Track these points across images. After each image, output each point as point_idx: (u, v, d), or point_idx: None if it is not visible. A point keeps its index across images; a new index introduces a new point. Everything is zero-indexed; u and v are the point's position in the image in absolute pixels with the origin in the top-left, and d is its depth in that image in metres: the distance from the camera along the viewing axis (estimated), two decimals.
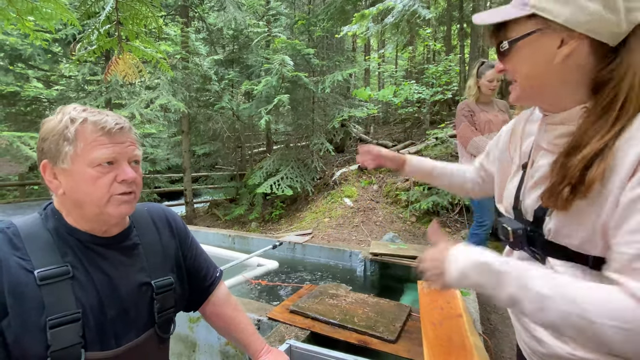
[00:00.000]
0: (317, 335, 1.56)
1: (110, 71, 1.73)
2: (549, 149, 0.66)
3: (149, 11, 1.81)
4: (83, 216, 0.68)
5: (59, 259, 0.64)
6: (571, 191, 0.55)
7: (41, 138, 0.65)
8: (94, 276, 0.67)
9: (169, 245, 0.84)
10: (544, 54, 0.59)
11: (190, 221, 7.09)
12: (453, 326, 1.45)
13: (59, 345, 0.60)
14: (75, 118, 0.64)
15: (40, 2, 1.68)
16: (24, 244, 0.63)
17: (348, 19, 6.24)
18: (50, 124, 0.65)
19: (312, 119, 6.74)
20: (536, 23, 0.58)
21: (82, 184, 0.64)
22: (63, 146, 0.63)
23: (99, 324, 0.66)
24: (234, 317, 0.96)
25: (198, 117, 7.57)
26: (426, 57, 12.15)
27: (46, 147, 0.64)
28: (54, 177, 0.66)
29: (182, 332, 1.99)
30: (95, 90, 7.52)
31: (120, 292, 0.70)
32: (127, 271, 0.72)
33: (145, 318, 0.74)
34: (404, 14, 4.41)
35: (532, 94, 0.65)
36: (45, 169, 0.65)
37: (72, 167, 0.64)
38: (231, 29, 7.59)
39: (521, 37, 0.60)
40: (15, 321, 0.58)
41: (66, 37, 7.28)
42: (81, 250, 0.67)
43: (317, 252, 3.30)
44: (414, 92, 5.81)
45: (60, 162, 0.64)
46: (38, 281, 0.60)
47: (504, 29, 0.63)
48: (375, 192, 5.63)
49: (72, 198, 0.67)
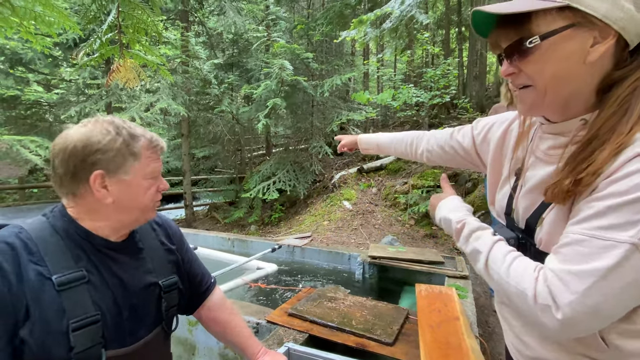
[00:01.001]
0: (315, 338, 1.57)
1: (112, 77, 1.75)
2: (543, 159, 0.64)
3: (149, 19, 1.84)
4: (117, 222, 0.73)
5: (72, 263, 0.67)
6: (572, 184, 0.53)
7: (95, 149, 0.67)
8: (107, 279, 0.71)
9: (169, 248, 0.88)
10: (576, 53, 0.53)
11: (189, 224, 7.09)
12: (450, 329, 1.46)
13: (82, 347, 0.63)
14: (135, 135, 0.72)
15: (42, 9, 1.71)
16: (38, 248, 0.64)
17: (347, 24, 6.29)
18: (100, 137, 0.68)
19: (311, 122, 6.77)
20: (570, 17, 0.52)
21: (137, 193, 0.73)
22: (129, 160, 0.70)
23: (116, 323, 0.70)
24: (230, 321, 0.99)
25: (198, 121, 7.61)
26: (425, 60, 12.21)
27: (105, 159, 0.68)
28: (103, 186, 0.69)
29: (181, 335, 2.00)
30: (96, 94, 7.55)
31: (132, 292, 0.74)
32: (136, 273, 0.76)
33: (154, 316, 0.79)
34: (401, 19, 4.46)
35: (552, 101, 0.58)
36: (97, 179, 0.68)
37: (131, 179, 0.71)
38: (231, 33, 7.65)
39: (558, 30, 0.52)
40: (38, 327, 0.60)
41: (67, 41, 7.32)
42: (94, 253, 0.71)
43: (316, 255, 3.31)
44: (412, 95, 5.85)
45: (123, 174, 0.70)
46: (57, 287, 0.63)
47: (527, 22, 0.55)
48: (374, 195, 5.65)
49: (121, 206, 0.71)
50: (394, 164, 6.22)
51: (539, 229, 0.62)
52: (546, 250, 0.60)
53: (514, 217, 0.70)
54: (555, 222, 0.58)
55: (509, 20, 0.57)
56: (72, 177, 0.67)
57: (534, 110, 0.62)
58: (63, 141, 0.68)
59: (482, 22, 0.61)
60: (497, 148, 0.80)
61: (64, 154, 0.67)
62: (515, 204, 0.69)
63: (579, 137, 0.57)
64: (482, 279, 3.33)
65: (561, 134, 0.61)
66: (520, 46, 0.56)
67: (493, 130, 0.83)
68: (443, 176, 0.91)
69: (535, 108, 0.61)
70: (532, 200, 0.64)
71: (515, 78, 0.60)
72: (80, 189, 0.68)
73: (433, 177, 5.07)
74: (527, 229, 0.65)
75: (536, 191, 0.64)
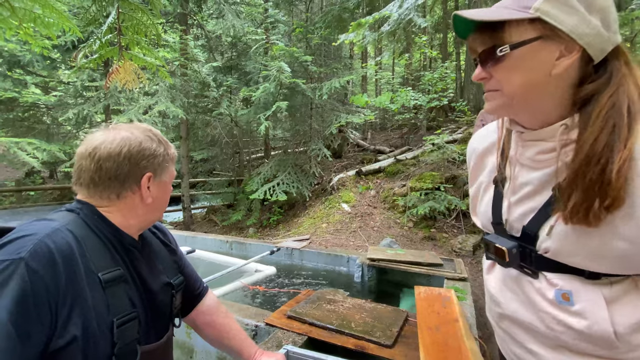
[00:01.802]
0: (314, 341, 1.57)
1: (111, 79, 1.75)
2: (532, 166, 0.65)
3: (149, 20, 1.85)
4: (146, 221, 0.78)
5: (110, 261, 0.69)
6: (600, 205, 0.53)
7: (148, 154, 0.74)
8: (135, 277, 0.74)
9: (171, 249, 0.92)
10: (543, 64, 0.56)
11: (187, 227, 7.07)
12: (449, 331, 1.46)
13: (123, 342, 0.66)
14: (167, 142, 0.81)
15: (42, 11, 1.71)
16: (84, 246, 0.65)
17: (345, 27, 6.33)
18: (149, 143, 0.75)
19: (310, 124, 6.79)
20: (540, 29, 0.55)
21: (167, 193, 0.82)
22: (170, 164, 0.80)
23: (145, 320, 0.73)
24: (225, 324, 1.00)
25: (196, 123, 7.60)
26: (422, 64, 12.28)
27: (154, 163, 0.75)
28: (148, 187, 0.75)
29: (179, 338, 1.98)
30: (94, 96, 7.54)
31: (153, 291, 0.77)
32: (154, 272, 0.80)
33: (168, 313, 0.82)
34: (400, 23, 4.48)
35: (517, 106, 0.62)
36: (148, 181, 0.74)
37: (167, 181, 0.80)
38: (230, 36, 7.67)
39: (526, 41, 0.56)
40: (91, 321, 0.61)
41: (65, 43, 7.31)
42: (124, 252, 0.73)
43: (314, 258, 3.30)
44: (410, 98, 5.88)
45: (164, 177, 0.78)
46: (103, 284, 0.65)
47: (500, 31, 0.58)
48: (373, 197, 5.66)
49: (157, 205, 0.78)
50: (392, 167, 6.23)
51: (544, 238, 0.62)
52: (555, 259, 0.60)
53: (505, 225, 0.70)
54: (571, 234, 0.58)
55: (485, 26, 0.60)
56: (125, 179, 0.71)
57: (500, 110, 0.65)
58: (111, 145, 0.70)
59: (462, 26, 0.63)
60: (479, 158, 0.81)
61: (117, 157, 0.70)
62: (507, 212, 0.69)
63: (564, 140, 0.59)
64: (481, 281, 3.33)
65: (544, 140, 0.62)
66: (492, 53, 0.59)
67: (475, 146, 0.84)
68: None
69: (500, 109, 0.64)
70: (528, 208, 0.65)
71: (487, 82, 0.63)
72: (126, 190, 0.72)
73: (431, 180, 5.08)
74: (525, 236, 0.65)
75: (533, 198, 0.64)
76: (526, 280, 0.66)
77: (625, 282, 0.58)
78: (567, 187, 0.57)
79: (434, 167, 5.55)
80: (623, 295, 0.57)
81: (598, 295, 0.58)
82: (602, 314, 0.57)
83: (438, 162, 5.47)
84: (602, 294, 0.58)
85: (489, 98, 0.64)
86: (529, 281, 0.66)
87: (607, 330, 0.56)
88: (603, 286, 0.58)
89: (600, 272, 0.57)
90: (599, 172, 0.53)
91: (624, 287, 0.57)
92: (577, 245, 0.58)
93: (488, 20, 0.57)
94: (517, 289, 0.69)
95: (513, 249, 0.65)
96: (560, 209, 0.58)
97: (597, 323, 0.57)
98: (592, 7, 0.54)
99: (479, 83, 0.67)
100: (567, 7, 0.54)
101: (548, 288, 0.63)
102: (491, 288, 0.76)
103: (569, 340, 0.60)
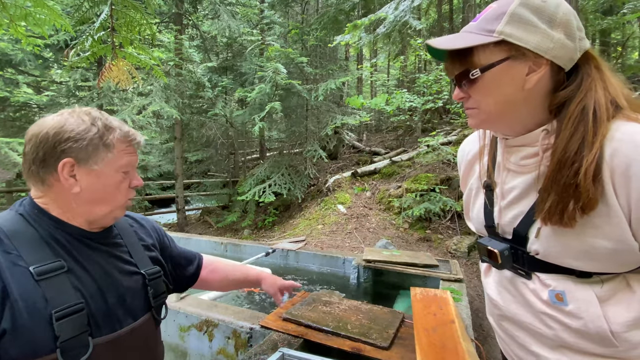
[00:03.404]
0: (310, 343, 1.55)
1: (104, 77, 1.73)
2: (517, 170, 0.67)
3: (143, 18, 1.82)
4: (87, 213, 0.72)
5: (49, 253, 0.66)
6: (575, 206, 0.55)
7: (66, 137, 0.67)
8: (88, 267, 0.70)
9: (146, 245, 0.89)
10: (514, 81, 0.59)
11: (182, 228, 7.00)
12: (446, 332, 1.45)
13: (67, 335, 0.62)
14: (110, 126, 0.72)
15: (33, 8, 1.68)
16: (11, 241, 0.64)
17: (341, 29, 6.34)
18: (74, 126, 0.68)
19: (306, 126, 6.78)
20: (506, 50, 0.58)
21: (108, 186, 0.72)
22: (101, 150, 0.70)
23: (102, 311, 0.70)
24: (225, 265, 1.12)
25: (191, 124, 7.55)
26: (417, 66, 12.36)
27: (76, 148, 0.67)
28: (71, 175, 0.68)
29: (172, 341, 1.95)
30: (87, 96, 7.45)
31: (116, 280, 0.74)
32: (117, 262, 0.77)
33: (142, 303, 0.80)
34: (395, 25, 4.50)
35: (497, 120, 0.65)
36: (65, 167, 0.67)
37: (101, 169, 0.70)
38: (225, 36, 7.64)
39: (495, 63, 0.59)
40: (20, 316, 0.59)
41: (58, 42, 7.22)
42: (71, 243, 0.70)
43: (310, 259, 3.29)
44: (405, 100, 5.90)
45: (93, 164, 0.70)
46: (35, 277, 0.62)
47: (469, 55, 0.61)
48: (369, 198, 5.66)
49: (90, 197, 0.71)
50: (387, 168, 6.24)
51: (533, 240, 0.63)
52: (545, 260, 0.62)
53: (497, 228, 0.71)
54: (555, 236, 0.60)
55: (456, 52, 0.62)
56: (41, 163, 0.67)
57: (483, 125, 0.69)
58: (37, 128, 0.67)
59: (436, 52, 0.66)
60: (469, 164, 0.84)
61: (35, 139, 0.66)
62: (498, 216, 0.71)
63: (546, 145, 0.61)
64: (476, 282, 3.34)
65: (527, 145, 0.64)
66: (466, 76, 0.62)
67: (464, 152, 0.87)
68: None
69: (482, 124, 0.68)
70: (518, 211, 0.67)
71: (466, 101, 0.66)
72: (49, 177, 0.68)
73: (427, 181, 5.10)
74: (516, 237, 0.67)
75: (520, 202, 0.66)
76: (521, 282, 0.68)
77: (616, 279, 0.59)
78: (544, 190, 0.60)
79: (429, 169, 5.57)
80: (615, 293, 0.58)
81: (590, 294, 0.59)
82: (596, 312, 0.58)
83: (433, 163, 5.49)
84: (594, 293, 0.58)
85: (469, 115, 0.68)
86: (524, 282, 0.67)
87: (602, 328, 0.57)
88: (595, 285, 0.59)
89: (590, 271, 0.58)
90: (572, 175, 0.55)
91: (615, 285, 0.58)
92: (562, 246, 0.59)
93: (455, 48, 0.60)
94: (513, 290, 0.70)
95: (505, 251, 0.67)
96: (539, 210, 0.60)
97: (592, 321, 0.58)
98: (553, 22, 0.57)
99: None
100: (529, 26, 0.56)
101: (542, 289, 0.64)
102: (490, 291, 0.77)
103: (569, 339, 0.61)
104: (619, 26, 6.02)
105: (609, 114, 0.56)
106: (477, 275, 3.50)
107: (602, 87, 0.57)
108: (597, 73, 0.59)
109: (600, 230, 0.55)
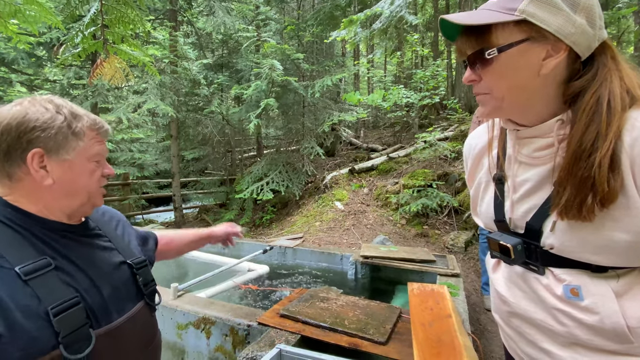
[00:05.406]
0: (307, 339, 1.55)
1: (96, 74, 1.70)
2: (530, 163, 0.65)
3: (135, 14, 1.80)
4: (65, 207, 0.70)
5: (32, 252, 0.64)
6: (593, 200, 0.53)
7: (32, 127, 0.63)
8: (76, 261, 0.69)
9: (121, 233, 0.89)
10: (530, 65, 0.57)
11: (179, 227, 6.98)
12: (443, 327, 1.46)
13: (68, 330, 0.62)
14: (77, 114, 0.70)
15: (23, 4, 1.65)
16: None
17: (337, 25, 6.30)
18: (38, 115, 0.64)
19: (303, 123, 6.75)
20: (526, 31, 0.55)
21: (82, 176, 0.70)
22: (71, 139, 0.67)
23: (99, 302, 0.69)
24: (175, 232, 1.16)
25: (187, 122, 7.50)
26: (414, 62, 12.34)
27: (44, 137, 0.64)
28: (42, 166, 0.65)
29: (170, 339, 1.95)
30: (81, 94, 7.37)
31: (107, 271, 0.74)
32: (102, 254, 0.76)
33: (134, 292, 0.80)
34: (391, 20, 4.48)
35: (511, 107, 0.62)
36: (34, 158, 0.64)
37: (74, 159, 0.68)
38: (220, 33, 7.58)
39: (514, 43, 0.56)
40: (15, 318, 0.58)
41: (51, 40, 7.14)
42: (53, 239, 0.68)
43: (308, 256, 3.29)
44: (402, 96, 5.89)
45: (64, 154, 0.67)
46: (23, 277, 0.60)
47: (487, 34, 0.58)
48: (366, 195, 5.66)
49: (64, 188, 0.68)
50: (385, 165, 6.24)
51: (548, 234, 0.61)
52: (560, 254, 0.60)
53: (508, 223, 0.69)
54: (572, 230, 0.58)
55: (472, 29, 0.59)
56: (6, 156, 0.63)
57: (494, 114, 0.65)
58: None
59: (450, 29, 0.63)
60: (477, 158, 0.81)
61: None
62: (510, 210, 0.68)
63: (561, 135, 0.59)
64: (473, 277, 3.36)
65: (540, 136, 0.62)
66: (481, 56, 0.59)
67: (472, 146, 0.85)
68: None
69: (494, 112, 0.65)
70: (531, 205, 0.65)
71: (476, 85, 0.63)
72: (16, 172, 0.64)
73: (424, 177, 5.10)
74: (530, 231, 0.65)
75: (534, 195, 0.64)
76: (533, 277, 0.66)
77: (632, 274, 0.57)
78: (559, 184, 0.58)
79: (426, 165, 5.57)
80: (631, 287, 0.57)
81: (607, 289, 0.57)
82: (613, 307, 0.56)
83: (430, 159, 5.50)
84: (610, 288, 0.57)
85: (481, 102, 0.64)
86: (536, 278, 0.65)
87: (619, 323, 0.55)
88: (611, 279, 0.58)
89: (607, 265, 0.57)
90: (589, 167, 0.53)
91: (631, 279, 0.57)
92: (579, 240, 0.58)
93: (474, 24, 0.57)
94: (524, 286, 0.68)
95: (518, 245, 0.65)
96: (555, 204, 0.58)
97: (609, 317, 0.56)
98: (576, 6, 0.54)
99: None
100: (552, 8, 0.54)
101: (556, 284, 0.62)
102: (499, 287, 0.75)
103: (582, 336, 0.59)
104: (615, 21, 6.03)
105: (625, 104, 0.54)
106: (474, 270, 3.52)
107: (618, 77, 0.56)
108: (613, 63, 0.57)
109: (620, 223, 0.53)
